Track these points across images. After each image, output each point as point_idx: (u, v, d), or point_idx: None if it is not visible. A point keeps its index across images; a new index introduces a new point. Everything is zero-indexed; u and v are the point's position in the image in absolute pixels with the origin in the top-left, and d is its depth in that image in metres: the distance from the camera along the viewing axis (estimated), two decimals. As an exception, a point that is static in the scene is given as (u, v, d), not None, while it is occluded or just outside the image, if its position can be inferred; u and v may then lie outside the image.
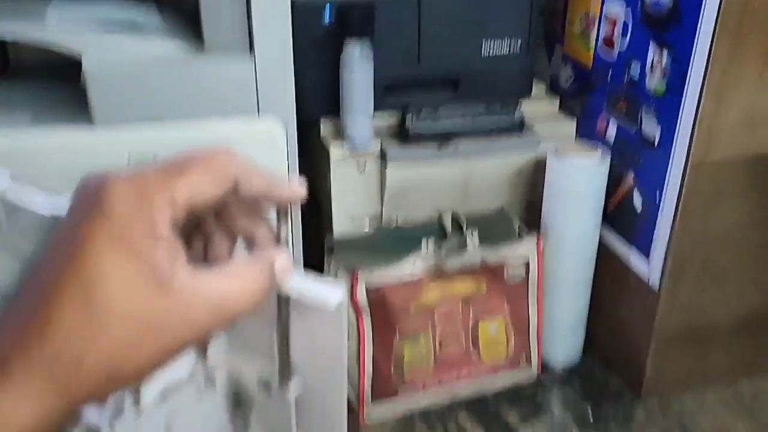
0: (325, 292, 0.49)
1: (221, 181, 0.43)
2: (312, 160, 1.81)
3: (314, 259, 1.69)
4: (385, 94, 1.66)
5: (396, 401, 1.66)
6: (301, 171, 1.65)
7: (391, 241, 1.66)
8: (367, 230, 1.70)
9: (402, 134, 1.69)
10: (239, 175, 0.45)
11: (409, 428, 1.64)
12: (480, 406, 1.71)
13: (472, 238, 1.64)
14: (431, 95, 1.72)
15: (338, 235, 1.69)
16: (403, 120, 1.68)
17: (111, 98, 1.34)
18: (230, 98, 1.40)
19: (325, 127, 1.70)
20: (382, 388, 1.64)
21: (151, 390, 0.57)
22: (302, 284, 0.48)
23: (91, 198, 0.40)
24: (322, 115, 1.69)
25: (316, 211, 1.87)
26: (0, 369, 0.35)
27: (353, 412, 1.65)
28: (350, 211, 1.71)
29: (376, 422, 1.65)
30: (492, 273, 1.67)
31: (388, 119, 1.71)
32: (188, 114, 1.39)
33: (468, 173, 1.74)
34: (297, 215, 1.56)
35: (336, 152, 1.64)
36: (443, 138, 1.70)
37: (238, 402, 0.65)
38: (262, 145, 1.47)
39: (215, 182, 0.43)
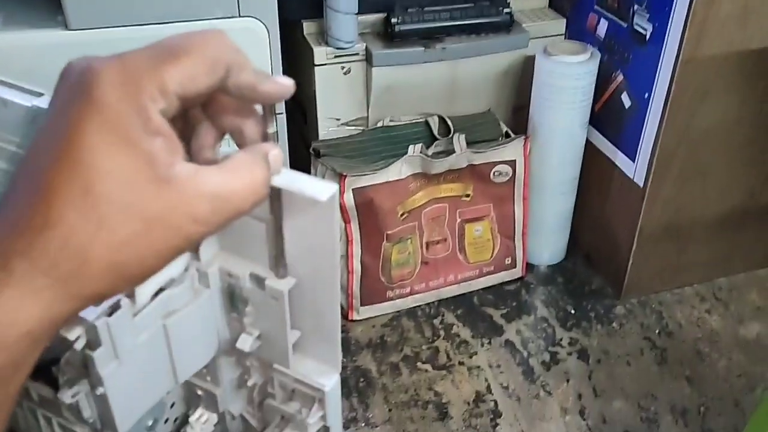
0: (317, 185, 0.48)
1: (214, 68, 0.40)
2: (295, 62, 1.76)
3: (300, 165, 1.68)
4: (369, -9, 1.60)
5: (384, 302, 1.70)
6: (285, 74, 1.62)
7: (378, 144, 1.65)
8: (353, 133, 1.69)
9: (387, 34, 1.65)
10: (231, 62, 0.42)
11: (396, 327, 1.68)
12: (466, 306, 1.75)
13: (459, 141, 1.63)
14: (417, -8, 1.66)
15: (324, 138, 1.68)
16: (388, 19, 1.63)
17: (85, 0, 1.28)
18: (209, -3, 1.35)
19: (309, 28, 1.65)
20: (371, 290, 1.67)
21: (145, 288, 0.57)
22: (294, 178, 0.48)
23: (77, 85, 0.37)
24: (305, 15, 1.63)
25: (301, 116, 1.85)
26: (2, 268, 0.34)
27: (342, 313, 1.69)
28: (335, 114, 1.68)
29: (366, 321, 1.69)
30: (478, 175, 1.68)
31: (373, 19, 1.66)
32: (167, 16, 1.34)
33: (455, 74, 1.71)
34: (282, 120, 1.54)
35: (319, 54, 1.60)
36: (430, 37, 1.66)
37: (233, 301, 0.66)
38: (243, 47, 1.42)
39: (208, 69, 0.40)
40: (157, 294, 0.59)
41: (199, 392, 0.72)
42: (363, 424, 1.45)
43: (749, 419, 1.19)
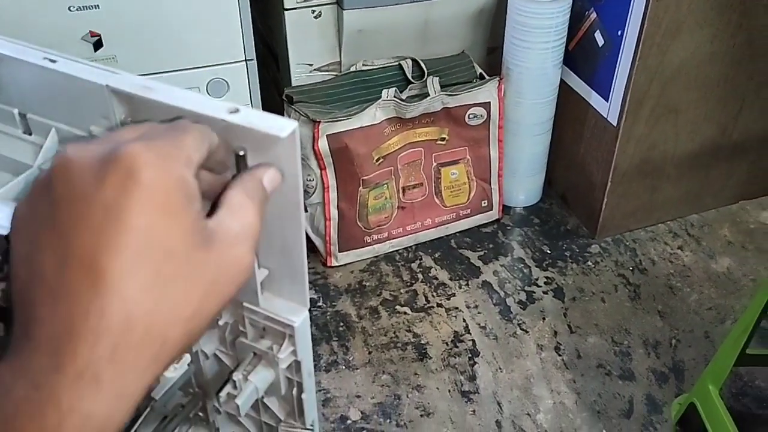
0: (277, 122, 0.48)
1: (210, 140, 0.41)
2: (265, 7, 1.73)
3: (273, 112, 1.66)
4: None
5: (362, 248, 1.71)
6: (256, 21, 1.59)
7: (352, 89, 1.64)
8: (326, 79, 1.67)
9: (357, -24, 1.61)
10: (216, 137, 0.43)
11: (375, 272, 1.70)
12: (443, 249, 1.77)
13: (433, 84, 1.62)
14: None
15: (297, 85, 1.66)
16: (357, -40, 1.60)
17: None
18: (171, -61, 1.31)
19: (277, -29, 1.61)
20: (348, 236, 1.68)
21: None
22: (255, 116, 0.47)
23: (119, 174, 0.35)
24: (272, -44, 1.59)
25: (273, 62, 1.82)
26: (92, 380, 0.32)
27: (321, 259, 1.70)
28: (308, 60, 1.66)
29: (345, 266, 1.70)
30: (453, 119, 1.67)
31: (342, -41, 1.62)
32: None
33: (428, 15, 1.68)
34: (254, 67, 1.51)
35: (289, -3, 1.56)
36: (400, -21, 1.63)
37: None
38: (210, -9, 1.39)
39: (207, 142, 0.40)
40: None
41: None
42: (343, 367, 1.48)
43: (719, 347, 1.23)
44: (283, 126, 0.45)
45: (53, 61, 0.52)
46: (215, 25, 1.43)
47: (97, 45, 1.35)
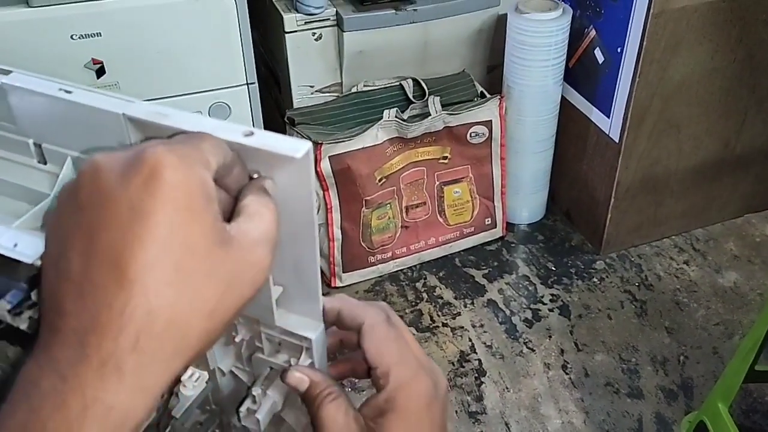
0: (290, 143, 0.49)
1: (225, 151, 0.42)
2: (266, 30, 1.74)
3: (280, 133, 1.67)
4: (336, -46, 1.58)
5: (366, 268, 1.70)
6: (257, 43, 1.60)
7: (353, 109, 1.64)
8: (327, 100, 1.67)
9: (358, -2, 1.63)
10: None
11: (380, 292, 1.70)
12: (448, 267, 1.77)
13: (434, 103, 1.63)
14: (385, -47, 1.63)
15: (298, 106, 1.66)
16: (357, -18, 1.61)
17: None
18: (172, -34, 1.32)
19: (278, -5, 1.62)
20: (352, 257, 1.68)
21: None
22: (268, 137, 0.48)
23: (143, 173, 0.36)
24: (272, -19, 1.61)
25: (275, 84, 1.83)
26: (114, 370, 0.33)
27: (325, 279, 1.70)
28: (309, 81, 1.67)
29: (349, 287, 1.70)
30: (455, 137, 1.67)
31: (341, -18, 1.64)
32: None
33: (427, 35, 1.69)
34: (255, 91, 1.52)
35: (289, 21, 1.57)
36: (400, 0, 1.64)
37: None
38: (209, 16, 1.40)
39: (222, 151, 0.42)
40: None
41: None
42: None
43: (728, 364, 1.22)
44: (297, 147, 0.46)
45: (68, 92, 0.53)
46: (216, 50, 1.44)
47: (100, 72, 1.36)
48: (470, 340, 1.58)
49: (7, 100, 0.56)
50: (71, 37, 1.31)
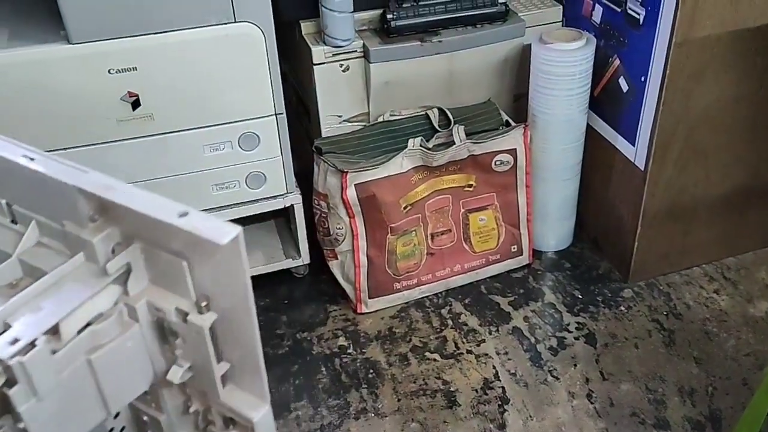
0: (220, 228, 0.50)
1: None
2: (295, 62, 1.79)
3: (306, 162, 1.72)
4: (362, -11, 1.62)
5: (392, 294, 1.73)
6: (287, 74, 1.65)
7: (379, 138, 1.68)
8: (354, 129, 1.71)
9: (384, 30, 1.67)
10: None
11: (405, 318, 1.71)
12: (473, 295, 1.78)
13: (459, 132, 1.65)
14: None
15: (326, 136, 1.70)
16: (383, 15, 1.65)
17: (85, 13, 1.32)
18: (206, 4, 1.38)
19: (306, 28, 1.67)
20: (378, 283, 1.70)
21: (71, 325, 0.58)
22: (199, 221, 0.50)
23: None
24: (301, 15, 1.66)
25: (305, 114, 1.88)
26: None
27: (351, 305, 1.72)
28: (337, 111, 1.71)
29: (375, 313, 1.72)
30: (480, 166, 1.69)
31: (369, 16, 1.68)
32: (166, 25, 1.38)
33: (453, 66, 1.72)
34: (283, 121, 1.57)
35: (318, 53, 1.62)
36: (426, 31, 1.68)
37: (164, 334, 0.67)
38: (240, 50, 1.46)
39: None
40: (84, 329, 0.59)
41: (145, 418, 0.74)
42: (372, 415, 1.49)
43: (755, 394, 1.20)
44: (225, 233, 0.48)
45: (31, 159, 0.57)
46: (246, 82, 1.49)
47: (135, 105, 1.42)
48: (494, 367, 1.58)
49: None
50: (108, 71, 1.38)
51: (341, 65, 1.65)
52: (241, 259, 0.50)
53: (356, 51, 1.64)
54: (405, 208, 1.65)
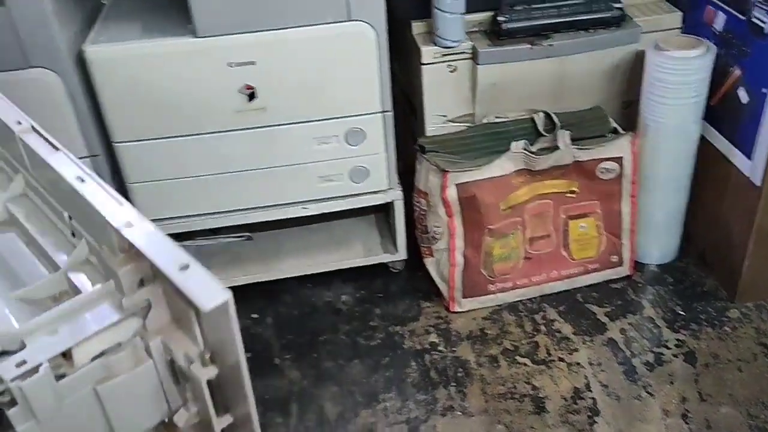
0: (209, 291, 0.50)
1: None
2: (405, 61, 1.82)
3: (410, 159, 1.75)
4: (476, -9, 1.63)
5: (486, 296, 1.73)
6: (396, 73, 1.68)
7: (483, 140, 1.68)
8: (459, 130, 1.73)
9: (494, 32, 1.67)
10: None
11: (497, 320, 1.71)
12: (568, 302, 1.75)
13: (564, 137, 1.63)
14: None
15: (430, 135, 1.73)
16: (495, 18, 1.66)
17: (211, 10, 1.41)
18: (322, 3, 1.44)
19: (417, 28, 1.70)
20: (473, 283, 1.71)
21: (85, 351, 0.58)
22: (194, 279, 0.50)
23: None
24: (413, 16, 1.69)
25: (411, 112, 1.91)
26: None
27: (444, 303, 1.74)
28: (442, 111, 1.73)
29: (467, 313, 1.73)
30: (584, 172, 1.67)
31: (480, 18, 1.69)
32: (285, 22, 1.44)
33: (563, 70, 1.70)
34: (390, 119, 1.60)
35: (427, 53, 1.65)
36: (537, 35, 1.67)
37: (176, 374, 0.67)
38: (352, 48, 1.50)
39: None
40: (99, 357, 0.59)
41: None
42: (460, 413, 1.50)
43: None
44: (212, 298, 0.48)
45: (82, 181, 0.60)
46: (357, 79, 1.54)
47: (251, 97, 1.50)
48: (586, 377, 1.56)
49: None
50: (229, 64, 1.46)
51: (449, 66, 1.67)
52: (230, 324, 0.50)
53: (465, 52, 1.65)
54: (504, 210, 1.65)
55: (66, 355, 0.56)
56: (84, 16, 1.54)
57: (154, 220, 1.67)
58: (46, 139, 0.66)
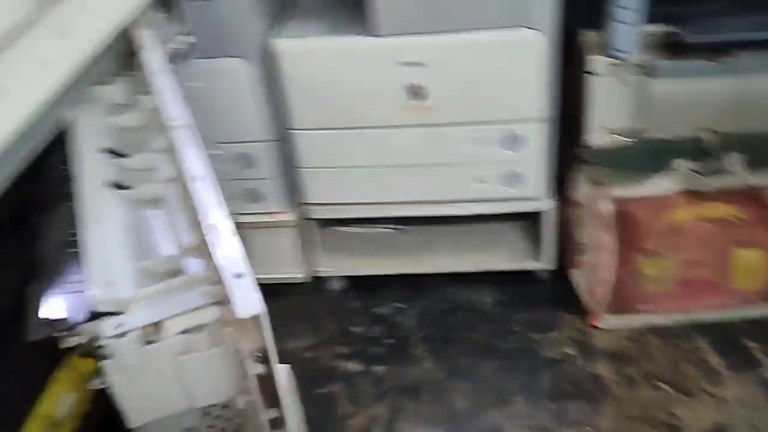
0: (245, 303, 0.55)
1: None
2: (573, 70, 1.81)
3: (565, 168, 1.74)
4: (654, 3, 1.59)
5: (632, 315, 1.68)
6: (563, 81, 1.68)
7: (646, 155, 1.64)
8: (622, 143, 1.69)
9: (673, 46, 1.61)
10: None
11: (641, 341, 1.66)
12: (722, 333, 1.66)
13: (736, 160, 1.55)
14: (706, 6, 1.60)
15: (592, 146, 1.71)
16: (674, 31, 1.60)
17: (391, 12, 1.50)
18: (493, 9, 1.48)
19: (589, 38, 1.68)
20: (619, 301, 1.67)
21: (173, 325, 0.66)
22: (237, 286, 0.55)
23: None
24: (586, 25, 1.67)
25: (573, 121, 1.89)
26: None
27: (586, 319, 1.72)
28: (607, 123, 1.70)
29: (610, 330, 1.69)
30: (755, 199, 1.57)
31: (656, 30, 1.64)
32: (458, 26, 1.50)
33: (743, 89, 1.61)
34: (552, 127, 1.61)
35: (597, 63, 1.63)
36: (721, 51, 1.59)
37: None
38: (521, 55, 1.53)
39: None
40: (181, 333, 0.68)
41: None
42: (589, 428, 1.48)
43: None
44: (249, 308, 0.53)
45: (198, 180, 0.68)
46: (522, 85, 1.57)
47: (418, 96, 1.57)
48: (732, 415, 1.48)
49: None
50: (400, 63, 1.54)
51: (620, 78, 1.64)
52: (262, 334, 0.56)
53: (639, 65, 1.61)
54: (663, 231, 1.60)
55: (157, 325, 0.66)
56: (276, 12, 1.69)
57: (318, 204, 1.81)
58: (188, 138, 0.75)
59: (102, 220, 0.73)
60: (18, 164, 0.66)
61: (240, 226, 1.34)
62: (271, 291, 1.82)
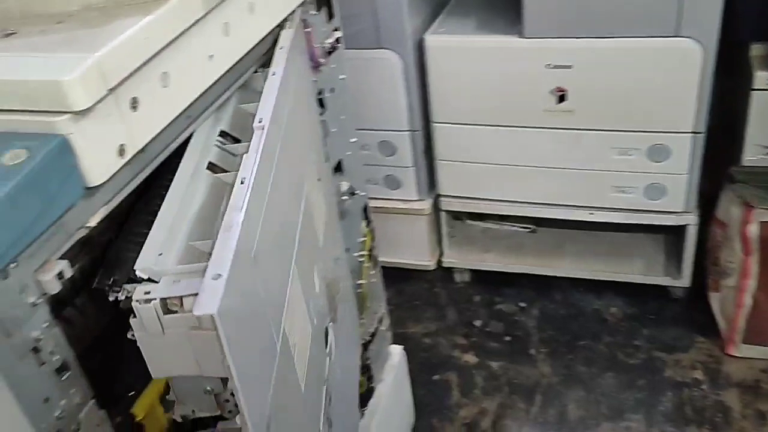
0: (207, 302, 0.60)
1: None
2: (732, 83, 1.72)
3: (711, 184, 1.66)
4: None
5: (771, 347, 1.59)
6: (721, 93, 1.60)
7: (806, 181, 1.53)
8: (780, 165, 1.59)
9: None
10: None
11: (779, 377, 1.57)
12: None
13: None
14: None
15: (746, 165, 1.62)
16: None
17: (541, 14, 1.50)
18: (650, 16, 1.43)
19: (756, 51, 1.59)
20: (759, 329, 1.58)
21: (191, 302, 0.70)
22: (206, 287, 0.60)
23: None
24: (754, 38, 1.58)
25: (729, 137, 1.79)
26: None
27: (721, 342, 1.64)
28: (764, 142, 1.60)
29: (744, 359, 1.61)
30: None
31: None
32: (610, 32, 1.48)
33: None
34: (701, 141, 1.54)
35: (761, 78, 1.54)
36: None
37: None
38: (675, 65, 1.48)
39: None
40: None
41: None
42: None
43: None
44: (206, 307, 0.59)
45: (242, 181, 0.72)
46: (672, 96, 1.51)
47: (561, 99, 1.56)
48: None
49: None
50: (546, 65, 1.54)
51: (786, 94, 1.54)
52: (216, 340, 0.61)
53: (810, 82, 1.51)
54: (814, 261, 1.49)
55: (180, 299, 0.73)
56: (429, 9, 1.74)
57: (452, 196, 1.85)
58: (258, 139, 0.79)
59: (183, 195, 0.82)
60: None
61: (376, 210, 1.41)
62: (398, 275, 1.91)
